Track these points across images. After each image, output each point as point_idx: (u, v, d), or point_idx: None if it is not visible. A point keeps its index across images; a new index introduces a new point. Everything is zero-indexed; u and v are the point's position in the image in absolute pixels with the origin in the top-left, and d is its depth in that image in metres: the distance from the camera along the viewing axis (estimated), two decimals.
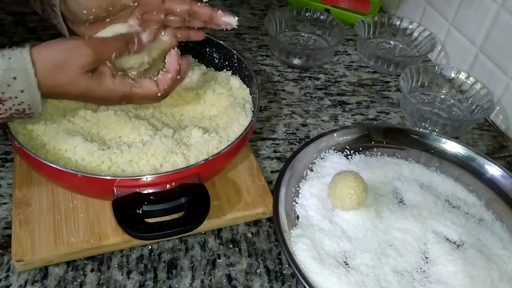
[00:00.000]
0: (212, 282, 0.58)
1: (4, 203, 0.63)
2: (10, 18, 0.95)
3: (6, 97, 0.49)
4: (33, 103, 0.51)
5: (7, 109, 0.50)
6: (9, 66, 0.49)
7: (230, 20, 0.63)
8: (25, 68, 0.49)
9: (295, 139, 0.78)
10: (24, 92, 0.50)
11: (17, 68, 0.49)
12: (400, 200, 0.67)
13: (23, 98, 0.50)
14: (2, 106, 0.50)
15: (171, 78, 0.58)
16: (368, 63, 0.96)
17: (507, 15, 0.81)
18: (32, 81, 0.50)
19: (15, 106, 0.50)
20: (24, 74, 0.49)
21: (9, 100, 0.50)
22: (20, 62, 0.49)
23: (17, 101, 0.50)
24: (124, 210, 0.53)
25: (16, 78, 0.49)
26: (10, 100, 0.50)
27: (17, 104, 0.50)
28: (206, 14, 0.62)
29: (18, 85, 0.49)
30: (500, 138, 0.83)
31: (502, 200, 0.68)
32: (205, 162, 0.58)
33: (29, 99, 0.51)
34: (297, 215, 0.63)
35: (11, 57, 0.49)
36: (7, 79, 0.49)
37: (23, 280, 0.56)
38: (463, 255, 0.59)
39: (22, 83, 0.49)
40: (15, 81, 0.49)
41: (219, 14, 0.63)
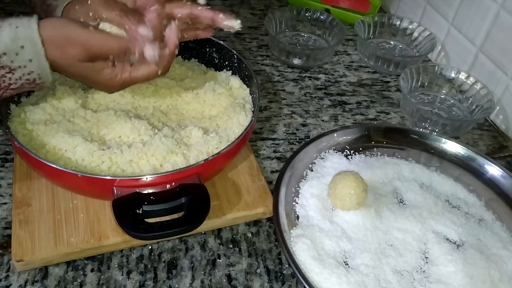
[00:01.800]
0: (212, 282, 0.58)
1: (4, 203, 0.63)
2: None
3: (15, 66, 0.50)
4: (42, 73, 0.52)
5: (17, 79, 0.51)
6: (16, 35, 0.49)
7: (232, 24, 0.61)
8: (32, 38, 0.50)
9: (295, 139, 0.78)
10: (33, 61, 0.51)
11: (25, 37, 0.50)
12: (400, 200, 0.67)
13: (32, 67, 0.51)
14: (12, 75, 0.51)
15: (169, 53, 0.57)
16: (368, 63, 0.96)
17: (507, 15, 0.81)
18: (39, 50, 0.50)
19: (25, 76, 0.51)
20: (32, 44, 0.50)
21: (18, 69, 0.50)
22: (28, 31, 0.50)
23: (26, 70, 0.51)
24: (124, 210, 0.53)
25: (23, 47, 0.50)
26: (19, 69, 0.50)
27: (27, 74, 0.51)
28: (207, 18, 0.61)
29: (26, 54, 0.50)
30: (500, 138, 0.83)
31: (502, 200, 0.68)
32: (205, 162, 0.58)
33: (38, 69, 0.51)
34: (297, 215, 0.63)
35: (19, 26, 0.50)
36: (15, 48, 0.49)
37: (23, 280, 0.56)
38: (463, 255, 0.59)
39: (30, 52, 0.50)
40: (23, 50, 0.50)
41: (220, 18, 0.61)
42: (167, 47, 0.57)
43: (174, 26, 0.58)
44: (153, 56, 0.55)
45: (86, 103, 0.67)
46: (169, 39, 0.57)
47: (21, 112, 0.62)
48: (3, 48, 0.49)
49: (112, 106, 0.67)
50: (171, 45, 0.57)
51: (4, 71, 0.50)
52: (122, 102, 0.68)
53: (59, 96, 0.65)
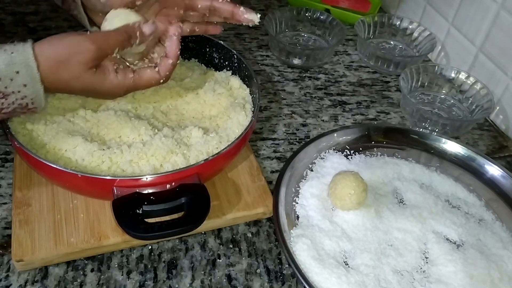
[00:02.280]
0: (212, 282, 0.58)
1: (4, 203, 0.63)
2: (10, 18, 0.95)
3: (9, 92, 0.50)
4: (36, 98, 0.51)
5: (10, 104, 0.51)
6: (12, 61, 0.49)
7: (253, 17, 0.61)
8: (28, 63, 0.49)
9: (295, 139, 0.78)
10: (27, 86, 0.50)
11: (20, 63, 0.49)
12: (400, 200, 0.67)
13: (26, 92, 0.50)
14: (5, 100, 0.50)
15: (171, 63, 0.58)
16: (368, 63, 0.96)
17: (507, 15, 0.81)
18: (35, 75, 0.50)
19: (18, 101, 0.51)
20: (27, 69, 0.49)
21: (12, 94, 0.50)
22: (23, 57, 0.49)
23: (20, 95, 0.50)
24: (124, 210, 0.53)
25: (18, 72, 0.49)
26: (13, 94, 0.50)
27: (20, 99, 0.51)
28: (227, 10, 0.61)
29: (21, 79, 0.49)
30: (500, 138, 0.83)
31: (502, 200, 0.68)
32: (205, 162, 0.58)
33: (32, 93, 0.51)
34: (297, 215, 0.63)
35: (14, 52, 0.49)
36: (9, 73, 0.49)
37: (23, 280, 0.56)
38: (463, 255, 0.59)
39: (24, 77, 0.50)
40: (17, 75, 0.49)
41: (241, 11, 0.61)
42: (169, 57, 0.58)
43: (174, 39, 0.58)
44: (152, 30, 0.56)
45: (86, 103, 0.67)
46: (170, 51, 0.58)
47: None
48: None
49: (112, 106, 0.67)
50: (173, 57, 0.58)
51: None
52: (122, 102, 0.68)
53: (59, 96, 0.65)
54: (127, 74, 0.56)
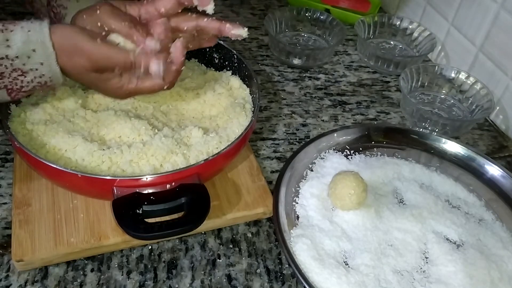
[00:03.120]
0: (212, 282, 0.58)
1: (4, 203, 0.63)
2: (10, 18, 0.95)
3: (27, 69, 0.51)
4: (53, 76, 0.53)
5: (29, 81, 0.52)
6: (28, 39, 0.50)
7: (240, 32, 0.61)
8: (44, 42, 0.51)
9: (295, 139, 0.78)
10: (44, 64, 0.51)
11: (36, 41, 0.50)
12: (400, 200, 0.67)
13: (43, 70, 0.52)
14: (24, 78, 0.51)
15: (176, 70, 0.58)
16: (368, 63, 0.96)
17: (507, 15, 0.81)
18: (50, 54, 0.51)
19: (36, 79, 0.52)
20: (43, 48, 0.51)
21: (30, 72, 0.51)
22: (39, 35, 0.50)
23: (38, 73, 0.52)
24: (124, 210, 0.53)
25: (35, 50, 0.50)
26: (31, 72, 0.51)
27: (39, 77, 0.52)
28: (214, 28, 0.61)
29: (37, 57, 0.51)
30: (500, 138, 0.83)
31: (502, 200, 0.68)
32: (205, 162, 0.58)
33: (49, 72, 0.52)
34: (297, 215, 0.63)
35: (31, 30, 0.50)
36: (26, 51, 0.50)
37: (23, 280, 0.56)
38: (463, 255, 0.59)
39: (41, 56, 0.51)
40: (34, 53, 0.51)
41: (227, 28, 0.60)
42: (173, 64, 0.58)
43: (179, 44, 0.58)
44: (158, 72, 0.55)
45: (86, 103, 0.67)
46: (175, 57, 0.58)
47: (21, 112, 0.62)
48: (15, 51, 0.50)
49: (112, 106, 0.67)
50: (177, 63, 0.58)
51: (16, 74, 0.51)
52: (122, 102, 0.68)
53: (59, 96, 0.65)
54: (131, 78, 0.56)
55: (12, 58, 0.50)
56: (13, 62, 0.50)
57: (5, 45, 0.50)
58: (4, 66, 0.50)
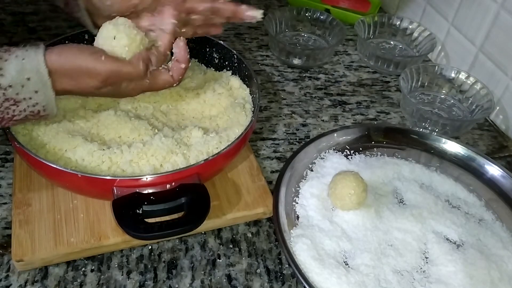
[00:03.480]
0: (212, 282, 0.58)
1: (4, 203, 0.63)
2: (10, 18, 0.95)
3: (21, 98, 0.49)
4: (47, 104, 0.51)
5: (21, 111, 0.50)
6: (23, 67, 0.49)
7: (255, 14, 0.61)
8: (39, 69, 0.49)
9: (295, 139, 0.78)
10: (39, 92, 0.50)
11: (31, 69, 0.49)
12: (400, 200, 0.67)
13: (37, 99, 0.50)
14: (16, 107, 0.50)
15: (184, 68, 0.59)
16: (368, 63, 0.96)
17: (507, 15, 0.81)
18: (46, 81, 0.50)
19: (29, 108, 0.51)
20: (38, 75, 0.49)
21: (23, 101, 0.50)
22: (34, 63, 0.49)
23: (31, 102, 0.50)
24: (124, 210, 0.53)
25: (30, 79, 0.49)
26: (24, 101, 0.50)
27: (32, 106, 0.51)
28: (229, 10, 0.61)
29: (32, 86, 0.49)
30: (500, 138, 0.83)
31: (502, 200, 0.68)
32: (205, 162, 0.58)
33: (43, 100, 0.51)
34: (297, 215, 0.63)
35: (25, 58, 0.49)
36: (21, 80, 0.49)
37: (23, 280, 0.56)
38: (463, 255, 0.59)
39: (36, 84, 0.49)
40: (29, 82, 0.49)
41: (243, 9, 0.61)
42: (180, 62, 0.59)
43: (181, 44, 0.59)
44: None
45: (86, 103, 0.67)
46: (180, 56, 0.59)
47: None
48: (9, 80, 0.48)
49: (112, 106, 0.67)
50: (184, 61, 0.59)
51: (9, 104, 0.49)
52: (122, 102, 0.68)
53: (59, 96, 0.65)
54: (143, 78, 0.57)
55: (5, 88, 0.48)
56: (6, 91, 0.48)
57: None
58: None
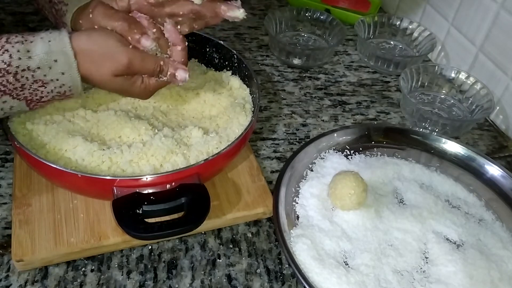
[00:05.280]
0: (212, 282, 0.58)
1: (4, 203, 0.63)
2: (10, 18, 0.95)
3: (48, 80, 0.51)
4: (73, 85, 0.53)
5: (49, 92, 0.52)
6: (50, 49, 0.50)
7: (236, 14, 0.60)
8: (65, 51, 0.50)
9: (295, 139, 0.78)
10: (65, 74, 0.51)
11: (58, 51, 0.50)
12: (400, 200, 0.67)
13: (64, 80, 0.52)
14: (44, 89, 0.51)
15: (182, 49, 0.59)
16: (368, 63, 0.96)
17: (507, 15, 0.81)
18: (72, 63, 0.51)
19: (56, 89, 0.52)
20: (65, 57, 0.50)
21: (51, 82, 0.51)
22: (60, 45, 0.50)
23: (58, 83, 0.52)
24: (124, 210, 0.53)
25: (57, 60, 0.50)
26: (52, 82, 0.51)
27: (59, 87, 0.52)
28: (209, 11, 0.61)
29: (59, 67, 0.51)
30: (500, 138, 0.83)
31: (502, 200, 0.68)
32: (205, 162, 0.58)
33: (70, 81, 0.52)
34: (297, 215, 0.63)
35: (51, 40, 0.50)
36: (48, 62, 0.50)
37: (23, 280, 0.56)
38: (463, 255, 0.59)
39: (62, 65, 0.51)
40: (56, 63, 0.50)
41: (223, 10, 0.60)
42: (177, 45, 0.59)
43: (169, 27, 0.59)
44: (185, 79, 0.57)
45: (86, 103, 0.67)
46: (173, 39, 0.59)
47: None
48: (37, 62, 0.49)
49: (112, 106, 0.67)
50: (179, 42, 0.59)
51: (37, 85, 0.51)
52: (122, 102, 0.68)
53: None
54: (151, 78, 0.58)
55: (33, 69, 0.50)
56: (34, 73, 0.50)
57: (26, 56, 0.49)
58: (25, 77, 0.50)
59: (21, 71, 0.49)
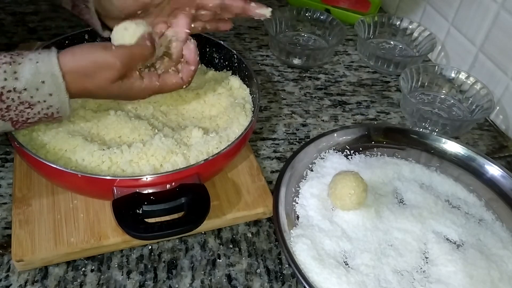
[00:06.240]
0: (212, 282, 0.58)
1: (4, 203, 0.63)
2: (10, 18, 0.95)
3: (35, 101, 0.50)
4: (61, 107, 0.52)
5: (35, 113, 0.51)
6: (37, 70, 0.49)
7: (264, 12, 0.61)
8: (53, 72, 0.50)
9: (295, 139, 0.78)
10: (53, 95, 0.51)
11: (45, 72, 0.49)
12: (400, 200, 0.67)
13: (51, 101, 0.51)
14: (31, 110, 0.50)
15: (193, 70, 0.60)
16: (368, 63, 0.96)
17: (507, 15, 0.81)
18: (60, 84, 0.50)
19: (43, 110, 0.51)
20: (52, 78, 0.50)
21: (37, 104, 0.50)
22: (48, 66, 0.50)
23: (45, 104, 0.51)
24: (124, 210, 0.53)
25: (44, 82, 0.50)
26: (39, 104, 0.50)
27: (46, 108, 0.51)
28: (239, 7, 0.61)
29: (46, 89, 0.50)
30: (500, 138, 0.83)
31: (502, 200, 0.68)
32: (205, 162, 0.58)
33: (57, 103, 0.51)
34: (297, 215, 0.63)
35: (39, 61, 0.49)
36: (35, 83, 0.49)
37: (23, 280, 0.56)
38: (463, 255, 0.59)
39: (50, 87, 0.50)
40: (43, 85, 0.50)
41: (252, 7, 0.61)
42: (190, 64, 0.60)
43: (192, 46, 0.60)
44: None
45: (86, 103, 0.67)
46: (190, 58, 0.60)
47: None
48: (24, 84, 0.49)
49: (112, 106, 0.67)
50: (194, 63, 0.60)
51: (24, 107, 0.50)
52: (122, 102, 0.68)
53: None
54: (152, 78, 0.57)
55: (20, 91, 0.49)
56: (21, 95, 0.49)
57: (13, 77, 0.48)
58: (11, 99, 0.49)
59: (6, 92, 0.48)
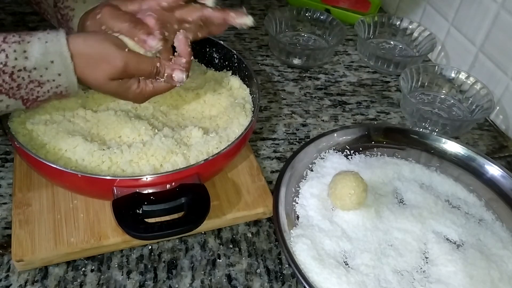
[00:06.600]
0: (212, 282, 0.58)
1: (4, 203, 0.63)
2: (10, 18, 0.95)
3: (44, 80, 0.51)
4: (70, 86, 0.53)
5: (45, 92, 0.52)
6: (47, 50, 0.50)
7: (244, 21, 0.61)
8: (62, 52, 0.51)
9: (295, 139, 0.78)
10: (62, 75, 0.51)
11: (54, 52, 0.50)
12: (400, 200, 0.67)
13: (60, 81, 0.52)
14: (40, 89, 0.51)
15: (186, 62, 0.59)
16: (368, 63, 0.96)
17: (507, 15, 0.81)
18: (68, 64, 0.51)
19: (53, 89, 0.52)
20: (61, 58, 0.51)
21: (47, 83, 0.51)
22: (57, 46, 0.50)
23: (54, 84, 0.52)
24: (124, 210, 0.53)
25: (53, 61, 0.50)
26: (48, 83, 0.51)
27: (55, 87, 0.52)
28: (219, 17, 0.61)
29: (55, 68, 0.51)
30: (500, 138, 0.83)
31: (502, 200, 0.68)
32: (205, 162, 0.58)
33: (66, 82, 0.52)
34: (297, 215, 0.63)
35: (48, 41, 0.50)
36: (45, 63, 0.50)
37: (23, 280, 0.56)
38: (463, 255, 0.59)
39: (59, 67, 0.51)
40: (52, 64, 0.50)
41: (231, 17, 0.60)
42: (182, 57, 0.59)
43: (181, 37, 0.59)
44: (182, 80, 0.57)
45: (86, 103, 0.67)
46: (181, 50, 0.59)
47: (21, 112, 0.62)
48: (33, 63, 0.50)
49: (112, 106, 0.67)
50: (185, 54, 0.59)
51: (33, 85, 0.51)
52: (122, 102, 0.68)
53: None
54: (147, 82, 0.58)
55: (29, 70, 0.50)
56: (31, 73, 0.50)
57: (23, 56, 0.49)
58: (21, 78, 0.50)
59: (17, 71, 0.49)
